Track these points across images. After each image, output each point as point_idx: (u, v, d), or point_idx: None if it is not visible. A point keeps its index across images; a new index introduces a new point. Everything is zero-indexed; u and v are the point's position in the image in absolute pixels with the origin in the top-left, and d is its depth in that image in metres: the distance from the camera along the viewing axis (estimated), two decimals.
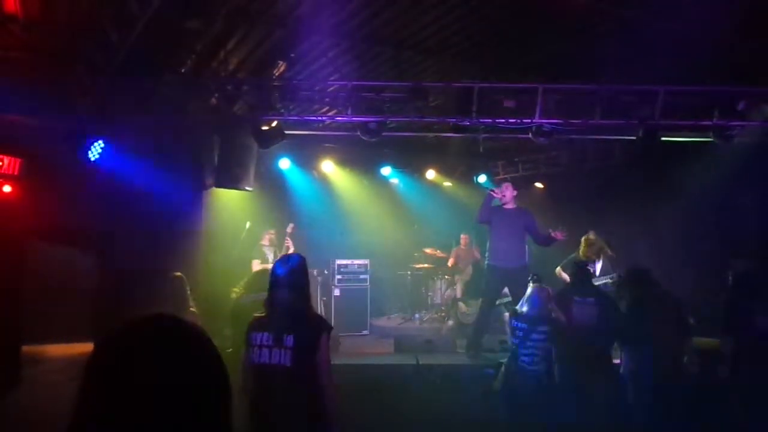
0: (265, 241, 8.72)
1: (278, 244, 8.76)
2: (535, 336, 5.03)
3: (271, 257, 8.41)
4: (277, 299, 3.30)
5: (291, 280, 3.31)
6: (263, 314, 3.37)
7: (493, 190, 7.36)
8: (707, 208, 7.58)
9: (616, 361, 5.52)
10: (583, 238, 7.54)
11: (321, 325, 3.29)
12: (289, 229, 8.81)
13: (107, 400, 0.98)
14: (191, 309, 5.55)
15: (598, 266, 7.42)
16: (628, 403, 5.18)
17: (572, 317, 5.33)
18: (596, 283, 7.24)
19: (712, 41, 5.70)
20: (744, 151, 6.97)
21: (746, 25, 5.45)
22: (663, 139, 6.82)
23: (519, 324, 5.14)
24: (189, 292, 5.75)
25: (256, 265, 8.31)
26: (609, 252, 7.51)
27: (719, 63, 6.22)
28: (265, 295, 5.23)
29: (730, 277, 5.16)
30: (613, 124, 6.92)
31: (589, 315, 5.34)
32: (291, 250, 8.47)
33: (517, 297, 7.08)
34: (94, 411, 0.99)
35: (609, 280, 7.18)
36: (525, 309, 5.18)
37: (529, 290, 5.28)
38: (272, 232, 8.80)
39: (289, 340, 3.15)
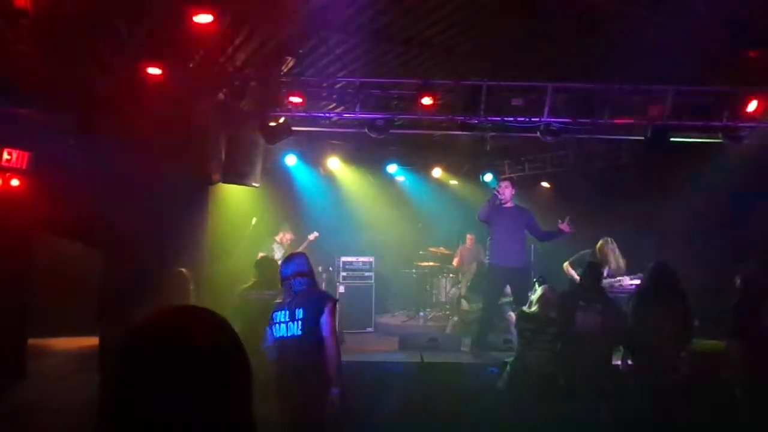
0: (279, 239, 8.70)
1: (289, 249, 8.73)
2: (542, 337, 5.00)
3: (278, 255, 8.41)
4: (291, 287, 3.96)
5: (298, 270, 3.99)
6: (281, 301, 4.07)
7: (497, 191, 7.32)
8: (715, 210, 7.54)
9: (617, 362, 5.48)
10: (601, 240, 7.45)
11: (324, 297, 4.01)
12: (311, 237, 8.75)
13: (139, 388, 1.00)
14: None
15: (607, 269, 7.38)
16: (629, 402, 5.14)
17: (576, 322, 5.24)
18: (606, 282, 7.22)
19: (723, 41, 5.65)
20: (753, 152, 6.93)
21: (757, 26, 5.41)
22: (672, 139, 6.78)
23: (526, 325, 5.10)
24: (192, 289, 5.73)
25: None
26: (620, 261, 7.42)
27: (729, 63, 6.18)
28: (269, 293, 5.58)
29: (738, 280, 5.12)
30: (621, 124, 6.89)
31: (593, 323, 5.25)
32: None
33: (518, 297, 7.06)
34: (126, 399, 1.01)
35: (612, 282, 7.16)
36: (533, 310, 5.16)
37: (538, 291, 5.25)
38: (289, 237, 8.75)
39: (299, 312, 3.82)
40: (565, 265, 7.52)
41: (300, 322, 3.79)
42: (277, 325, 3.89)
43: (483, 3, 5.44)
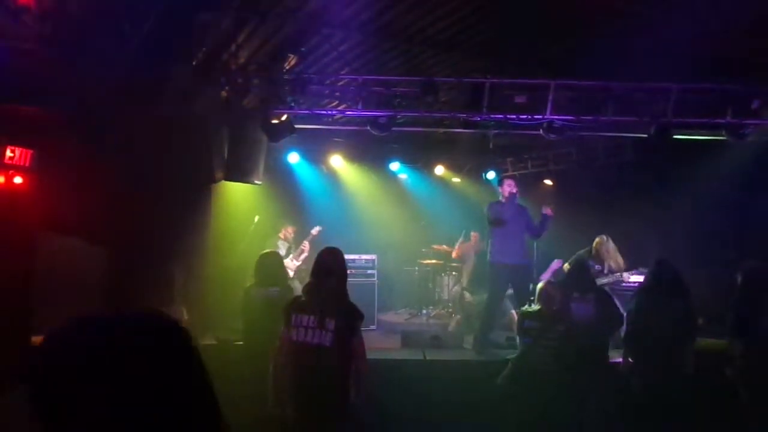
0: (282, 235, 8.71)
1: (294, 242, 8.75)
2: (549, 335, 4.95)
3: (282, 252, 8.42)
4: (324, 286, 3.86)
5: (338, 269, 3.92)
6: (303, 297, 3.93)
7: (510, 191, 7.23)
8: (719, 208, 7.51)
9: (618, 359, 5.47)
10: (597, 238, 7.49)
11: (356, 313, 3.88)
12: (314, 231, 8.76)
13: (73, 401, 0.96)
14: (175, 307, 5.45)
15: (606, 266, 7.39)
16: (629, 402, 5.12)
17: (571, 314, 5.25)
18: (602, 281, 7.22)
19: (727, 39, 5.63)
20: (757, 150, 6.90)
21: (762, 23, 5.38)
22: (675, 137, 6.76)
23: (532, 323, 5.05)
24: (176, 289, 5.71)
25: None
26: (618, 258, 7.45)
27: (734, 61, 6.15)
28: (275, 290, 5.43)
29: (738, 278, 5.10)
30: (625, 122, 6.87)
31: (588, 313, 5.27)
32: (305, 254, 8.46)
33: (520, 294, 7.06)
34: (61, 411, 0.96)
35: (613, 280, 7.17)
36: (536, 307, 5.12)
37: (538, 286, 5.23)
38: (291, 230, 8.78)
39: (330, 324, 3.73)
40: (565, 266, 7.52)
41: (331, 334, 3.72)
42: (301, 329, 3.76)
43: (486, 0, 5.43)
